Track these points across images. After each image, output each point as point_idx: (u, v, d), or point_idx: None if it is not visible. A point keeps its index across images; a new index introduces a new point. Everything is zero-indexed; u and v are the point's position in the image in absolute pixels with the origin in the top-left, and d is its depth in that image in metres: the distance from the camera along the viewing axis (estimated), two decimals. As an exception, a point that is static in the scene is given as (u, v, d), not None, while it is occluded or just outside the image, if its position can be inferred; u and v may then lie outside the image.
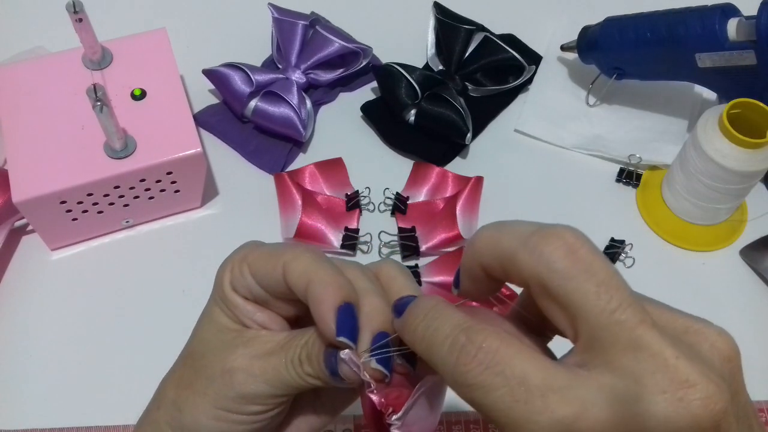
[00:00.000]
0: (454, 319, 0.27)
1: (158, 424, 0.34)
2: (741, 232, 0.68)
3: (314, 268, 0.31)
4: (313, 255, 0.32)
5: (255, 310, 0.34)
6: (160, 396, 0.35)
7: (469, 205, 0.66)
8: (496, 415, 0.25)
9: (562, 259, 0.25)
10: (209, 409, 0.33)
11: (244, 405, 0.32)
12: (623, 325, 0.24)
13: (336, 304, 0.30)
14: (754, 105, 0.60)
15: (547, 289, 0.26)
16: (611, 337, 0.25)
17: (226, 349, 0.33)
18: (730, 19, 0.62)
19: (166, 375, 0.36)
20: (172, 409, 0.34)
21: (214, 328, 0.34)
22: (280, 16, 0.72)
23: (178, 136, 0.59)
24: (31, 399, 0.57)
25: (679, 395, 0.23)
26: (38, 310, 0.61)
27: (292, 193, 0.65)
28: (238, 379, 0.32)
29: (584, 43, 0.72)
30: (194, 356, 0.35)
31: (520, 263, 0.26)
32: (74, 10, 0.57)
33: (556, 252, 0.26)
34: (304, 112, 0.68)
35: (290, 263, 0.31)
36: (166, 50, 0.63)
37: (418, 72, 0.69)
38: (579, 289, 0.25)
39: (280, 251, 0.32)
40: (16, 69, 0.61)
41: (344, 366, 0.30)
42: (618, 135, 0.73)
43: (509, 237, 0.27)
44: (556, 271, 0.25)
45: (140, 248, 0.64)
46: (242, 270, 0.33)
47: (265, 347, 0.33)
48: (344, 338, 0.30)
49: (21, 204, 0.56)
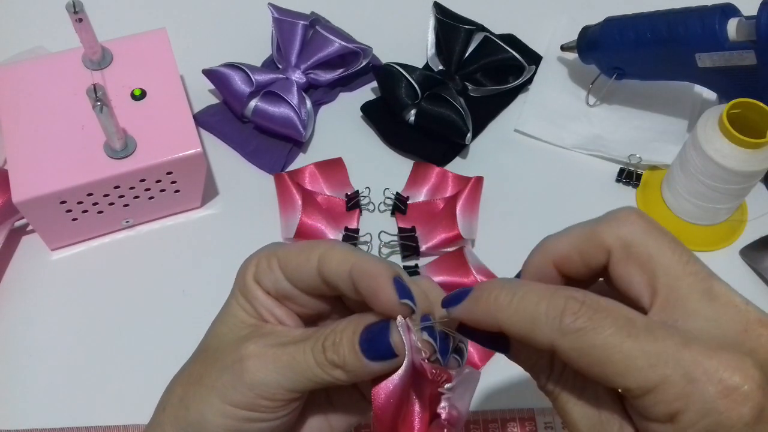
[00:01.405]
0: (538, 287, 0.29)
1: (162, 426, 0.33)
2: (741, 232, 0.68)
3: (353, 255, 0.32)
4: (348, 246, 0.33)
5: (274, 305, 0.34)
6: (166, 397, 0.34)
7: (469, 205, 0.66)
8: (609, 352, 0.26)
9: (641, 223, 0.29)
10: (217, 403, 0.31)
11: (252, 398, 0.31)
12: (697, 275, 0.28)
13: (389, 278, 0.31)
14: (754, 105, 0.60)
15: (631, 249, 0.29)
16: (687, 287, 0.28)
17: (241, 341, 0.32)
18: (730, 19, 0.62)
19: (176, 374, 0.35)
20: (178, 407, 0.33)
21: (230, 323, 0.34)
22: (280, 16, 0.72)
23: (178, 136, 0.59)
24: (31, 399, 0.57)
25: (757, 332, 0.27)
26: (38, 310, 0.61)
27: (292, 193, 0.65)
28: (250, 366, 0.31)
29: (584, 43, 0.72)
30: (207, 351, 0.34)
31: (602, 235, 0.30)
32: (74, 10, 0.57)
33: (633, 219, 0.30)
34: (304, 112, 0.68)
35: (326, 253, 0.32)
36: (166, 50, 0.63)
37: (418, 72, 0.69)
38: (658, 246, 0.29)
39: (313, 245, 0.33)
40: (16, 69, 0.61)
41: (395, 334, 0.30)
42: (618, 135, 0.73)
43: (580, 227, 0.31)
44: (638, 233, 0.29)
45: (140, 248, 0.64)
46: (270, 264, 0.33)
47: (282, 339, 0.33)
48: (407, 300, 0.30)
49: (21, 204, 0.56)
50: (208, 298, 0.62)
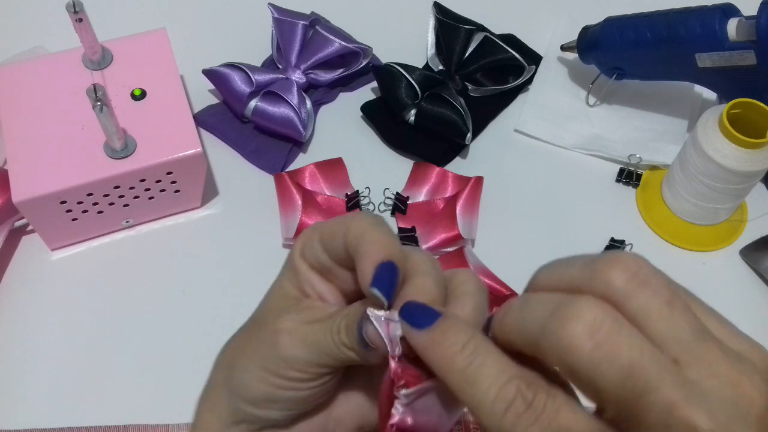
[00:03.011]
0: (499, 363, 0.27)
1: (217, 384, 0.36)
2: (741, 232, 0.68)
3: (370, 228, 0.31)
4: (373, 219, 0.32)
5: (318, 280, 0.34)
6: (220, 358, 0.37)
7: (469, 205, 0.66)
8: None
9: (585, 345, 0.24)
10: (255, 370, 0.33)
11: (285, 369, 0.33)
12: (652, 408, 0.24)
13: (378, 260, 0.30)
14: (754, 105, 0.60)
15: (572, 376, 0.25)
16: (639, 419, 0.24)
17: (280, 314, 0.34)
18: (730, 19, 0.62)
19: (230, 338, 0.37)
20: (227, 369, 0.35)
21: (277, 295, 0.35)
22: (280, 16, 0.72)
23: (178, 136, 0.59)
24: (31, 399, 0.57)
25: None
26: (38, 310, 0.61)
27: (292, 193, 0.65)
28: (282, 341, 0.33)
29: (584, 43, 0.72)
30: (255, 321, 0.36)
31: (547, 354, 0.26)
32: (74, 10, 0.57)
33: (576, 338, 0.25)
34: (304, 112, 0.68)
35: (349, 226, 0.32)
36: (166, 50, 0.63)
37: (418, 72, 0.69)
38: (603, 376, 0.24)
39: (345, 216, 0.33)
40: (16, 69, 0.61)
41: (370, 327, 0.30)
42: (618, 135, 0.73)
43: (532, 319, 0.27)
44: (577, 361, 0.25)
45: (140, 248, 0.64)
46: (312, 237, 0.33)
47: (315, 316, 0.33)
48: (376, 289, 0.30)
49: (21, 204, 0.56)
50: (208, 298, 0.62)
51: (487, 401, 0.26)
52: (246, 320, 0.37)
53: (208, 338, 0.59)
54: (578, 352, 0.24)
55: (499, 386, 0.26)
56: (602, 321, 0.24)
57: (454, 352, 0.27)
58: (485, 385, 0.26)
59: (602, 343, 0.24)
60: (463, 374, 0.27)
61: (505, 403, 0.26)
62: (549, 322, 0.25)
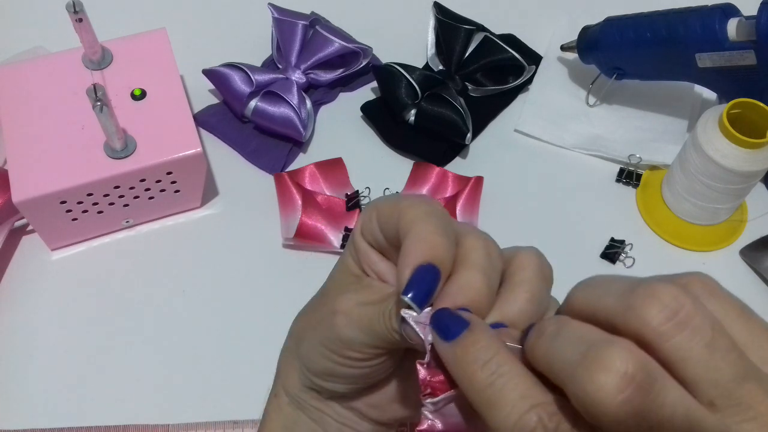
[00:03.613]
0: (522, 386, 0.25)
1: (290, 351, 0.38)
2: (741, 232, 0.68)
3: (421, 219, 0.30)
4: (428, 207, 0.30)
5: (378, 259, 0.34)
6: (293, 327, 0.38)
7: (469, 205, 0.66)
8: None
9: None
10: (317, 344, 0.34)
11: (342, 348, 0.33)
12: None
13: (417, 262, 0.29)
14: (754, 105, 0.60)
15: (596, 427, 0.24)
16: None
17: (341, 292, 0.34)
18: (730, 19, 0.62)
19: (304, 307, 0.38)
20: (296, 339, 0.37)
21: (342, 270, 0.35)
22: (280, 16, 0.72)
23: (178, 136, 0.59)
24: (31, 399, 0.57)
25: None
26: (38, 310, 0.61)
27: (292, 193, 0.65)
28: (339, 322, 0.33)
29: (584, 43, 0.72)
30: (322, 293, 0.37)
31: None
32: (74, 10, 0.57)
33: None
34: (304, 112, 0.68)
35: (405, 210, 0.30)
36: (166, 50, 0.63)
37: (418, 72, 0.69)
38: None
39: (403, 197, 0.31)
40: (16, 69, 0.61)
41: (407, 327, 0.29)
42: (618, 135, 0.73)
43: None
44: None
45: (140, 248, 0.64)
46: (371, 215, 0.33)
47: (372, 296, 0.33)
48: (407, 297, 0.28)
49: (21, 204, 0.56)
50: (208, 297, 0.62)
51: (506, 427, 0.25)
52: (317, 291, 0.38)
53: (209, 338, 0.60)
54: (604, 406, 0.23)
55: (520, 414, 0.25)
56: (633, 375, 0.22)
57: (474, 369, 0.26)
58: (506, 410, 0.25)
59: (630, 400, 0.22)
60: (483, 394, 0.26)
61: (523, 429, 0.24)
62: (577, 368, 0.23)
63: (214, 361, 0.59)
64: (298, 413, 0.38)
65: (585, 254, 0.66)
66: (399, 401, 0.37)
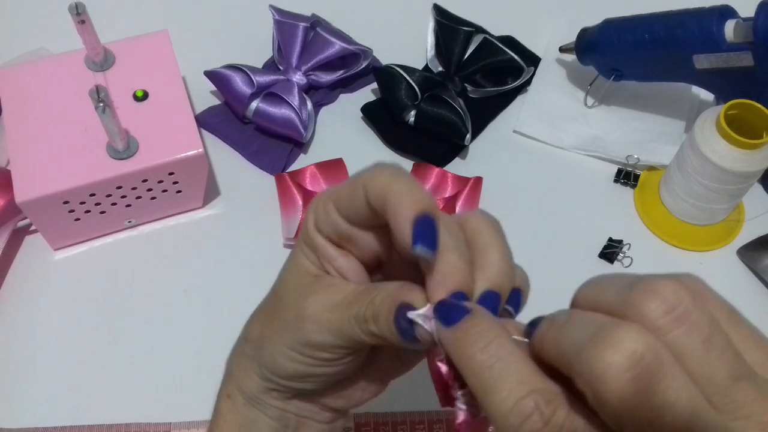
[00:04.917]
0: (521, 371, 0.25)
1: (246, 355, 0.37)
2: (738, 232, 0.68)
3: (391, 181, 0.30)
4: (390, 170, 0.30)
5: (337, 254, 0.33)
6: (246, 331, 0.38)
7: (469, 205, 0.66)
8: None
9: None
10: (284, 349, 0.34)
11: (313, 351, 0.33)
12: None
13: (413, 215, 0.29)
14: (751, 106, 0.60)
15: (598, 405, 0.24)
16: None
17: (302, 295, 0.33)
18: (728, 20, 0.62)
19: (254, 312, 0.38)
20: (256, 344, 0.36)
21: (296, 271, 0.35)
22: (281, 18, 0.72)
23: (179, 136, 0.60)
24: (33, 398, 0.57)
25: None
26: (41, 310, 0.61)
27: (293, 194, 0.66)
28: (308, 328, 0.33)
29: (582, 45, 0.72)
30: (276, 297, 0.36)
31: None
32: (77, 11, 0.57)
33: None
34: (305, 113, 0.69)
35: (369, 183, 0.30)
36: (168, 52, 0.64)
37: (417, 73, 0.70)
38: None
39: (358, 176, 0.31)
40: (19, 70, 0.62)
41: (419, 328, 0.29)
42: (616, 136, 0.73)
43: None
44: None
45: (142, 248, 0.65)
46: (326, 207, 0.32)
47: (337, 297, 0.32)
48: (421, 247, 0.28)
49: (24, 204, 0.56)
50: (210, 297, 0.63)
51: (503, 411, 0.25)
52: (269, 291, 0.37)
53: (210, 338, 0.60)
54: (611, 384, 0.23)
55: (517, 398, 0.25)
56: (642, 355, 0.23)
57: (473, 351, 0.26)
58: (503, 394, 0.25)
59: (637, 379, 0.22)
60: (481, 376, 0.26)
61: (521, 417, 0.24)
62: (586, 346, 0.24)
63: (216, 361, 0.59)
64: (256, 413, 0.37)
65: (583, 254, 0.66)
66: (363, 387, 0.37)
